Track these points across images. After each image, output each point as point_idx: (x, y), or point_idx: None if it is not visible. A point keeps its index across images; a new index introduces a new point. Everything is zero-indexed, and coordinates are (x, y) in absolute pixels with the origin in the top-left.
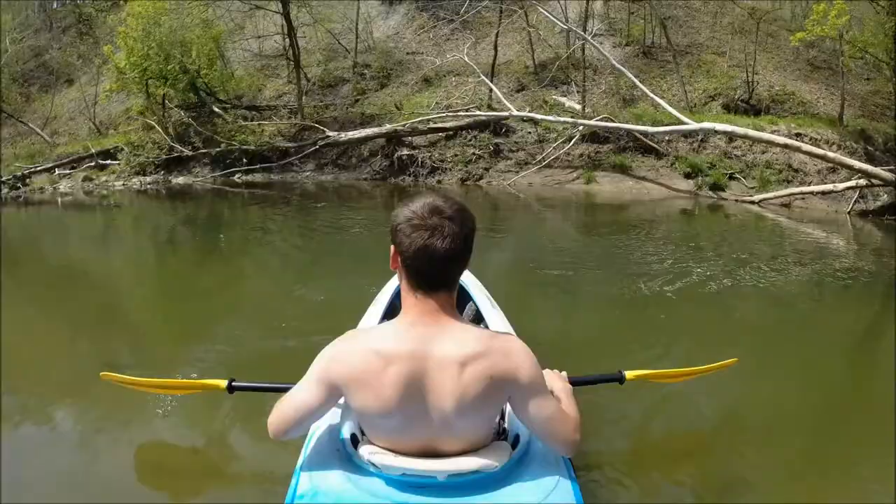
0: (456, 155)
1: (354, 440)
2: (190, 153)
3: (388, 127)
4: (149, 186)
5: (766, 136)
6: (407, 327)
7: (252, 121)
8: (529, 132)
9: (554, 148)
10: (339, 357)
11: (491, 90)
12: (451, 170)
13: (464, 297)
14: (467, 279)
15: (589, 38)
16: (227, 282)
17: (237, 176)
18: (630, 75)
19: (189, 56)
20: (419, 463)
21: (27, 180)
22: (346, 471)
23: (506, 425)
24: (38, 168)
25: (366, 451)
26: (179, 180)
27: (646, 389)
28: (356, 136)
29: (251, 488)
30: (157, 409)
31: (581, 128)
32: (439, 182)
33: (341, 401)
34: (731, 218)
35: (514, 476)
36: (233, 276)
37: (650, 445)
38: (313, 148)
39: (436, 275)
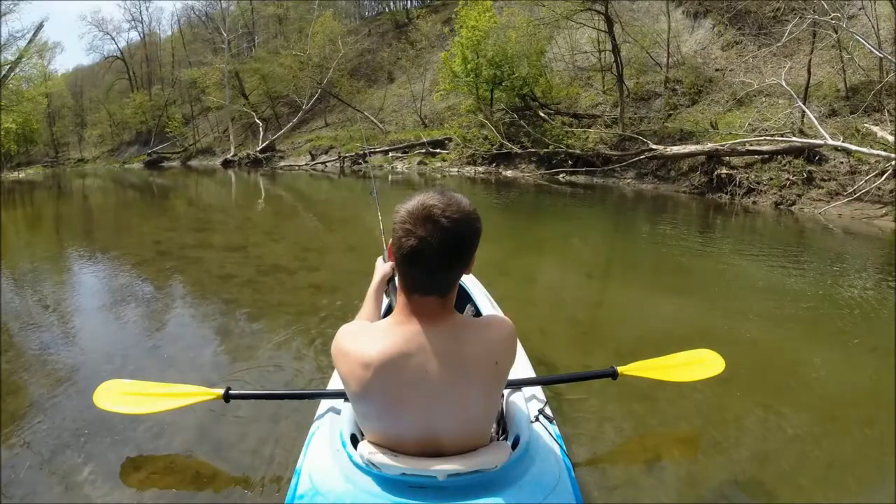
0: (771, 178)
1: (354, 440)
2: (518, 151)
3: (709, 146)
4: (481, 175)
5: None
6: (394, 326)
7: (572, 127)
8: (842, 162)
9: (865, 181)
10: (335, 358)
11: (803, 114)
12: (765, 192)
13: (464, 298)
14: (467, 279)
15: None
16: (525, 263)
17: (561, 176)
18: None
19: (520, 66)
20: (419, 463)
21: (366, 158)
22: (346, 471)
23: (506, 424)
24: (376, 150)
25: (366, 451)
26: (508, 173)
27: (642, 386)
28: (680, 151)
29: (251, 488)
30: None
31: (894, 162)
32: (754, 203)
33: (341, 402)
34: None
35: (514, 476)
36: (533, 260)
37: (649, 443)
38: (636, 158)
39: (425, 281)
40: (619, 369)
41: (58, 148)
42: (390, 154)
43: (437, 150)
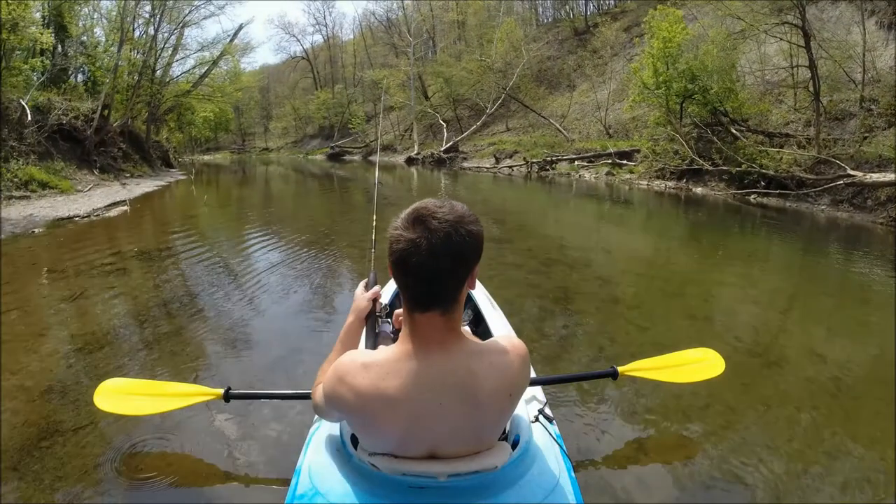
0: None
1: (354, 440)
2: (709, 168)
3: None
4: (670, 190)
5: None
6: (405, 361)
7: (763, 145)
8: None
9: None
10: (336, 395)
11: None
12: None
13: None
14: None
15: None
16: (705, 284)
17: (752, 196)
18: None
19: (716, 80)
20: (419, 464)
21: (554, 165)
22: (346, 471)
23: (506, 426)
24: (562, 157)
25: (366, 452)
26: (698, 190)
27: (642, 385)
28: (880, 180)
29: (251, 488)
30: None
31: None
32: None
33: None
34: None
35: (515, 476)
36: (706, 283)
37: (649, 443)
38: (832, 184)
39: (422, 291)
40: (620, 369)
41: (244, 137)
42: (576, 162)
43: (624, 162)
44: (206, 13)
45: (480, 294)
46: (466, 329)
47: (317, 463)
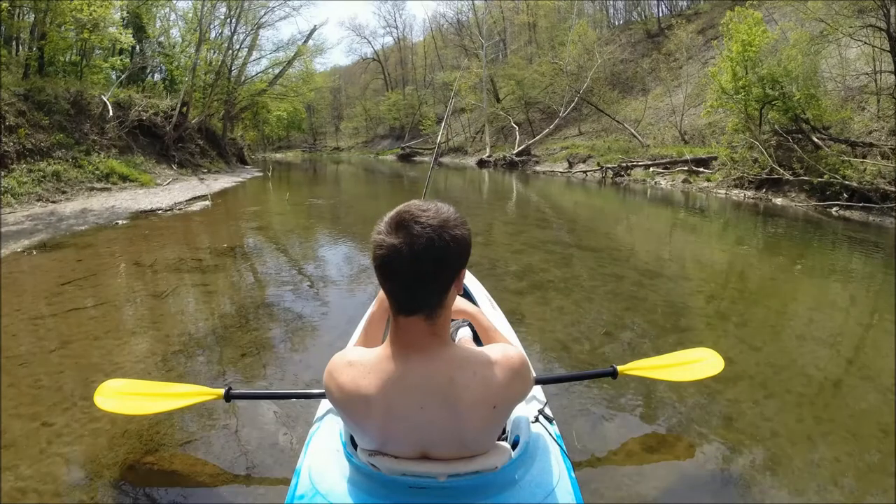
0: None
1: (354, 441)
2: (790, 178)
3: None
4: (749, 199)
5: None
6: (387, 361)
7: (845, 155)
8: None
9: None
10: (327, 388)
11: None
12: None
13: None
14: (468, 280)
15: None
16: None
17: (834, 209)
18: None
19: (800, 86)
20: (419, 464)
21: (628, 171)
22: (346, 471)
23: (506, 426)
24: (637, 163)
25: (365, 452)
26: (778, 201)
27: (642, 385)
28: None
29: (251, 488)
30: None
31: None
32: None
33: None
34: None
35: (514, 477)
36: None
37: (649, 443)
38: None
39: (404, 296)
40: (619, 368)
41: (315, 136)
42: (651, 169)
43: (701, 169)
44: (281, 14)
45: (481, 294)
46: (466, 330)
47: (317, 463)
